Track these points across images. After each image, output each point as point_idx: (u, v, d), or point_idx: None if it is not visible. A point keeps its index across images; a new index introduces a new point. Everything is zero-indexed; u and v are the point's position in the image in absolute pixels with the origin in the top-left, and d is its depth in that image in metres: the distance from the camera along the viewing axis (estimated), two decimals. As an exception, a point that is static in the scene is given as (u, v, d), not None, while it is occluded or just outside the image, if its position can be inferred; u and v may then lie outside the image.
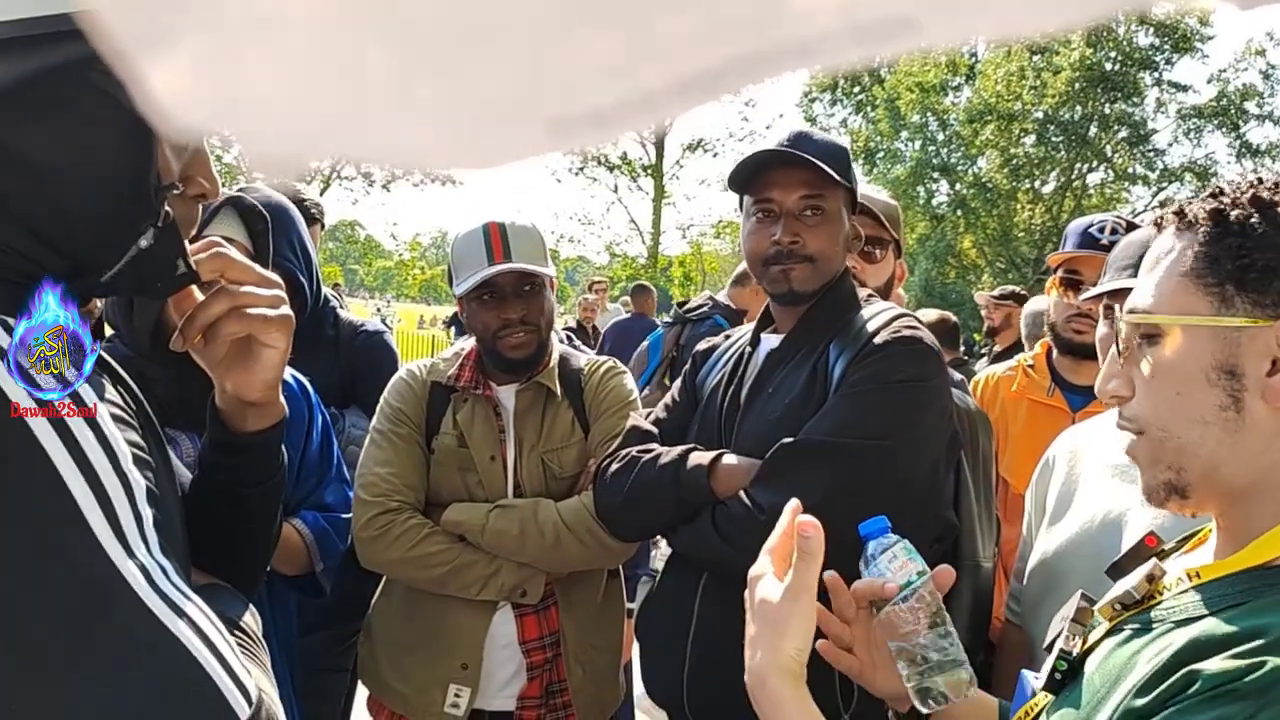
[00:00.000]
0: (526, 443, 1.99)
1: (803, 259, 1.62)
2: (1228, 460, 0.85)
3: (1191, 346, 0.86)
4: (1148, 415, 0.89)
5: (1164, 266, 0.90)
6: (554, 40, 0.29)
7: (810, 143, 1.64)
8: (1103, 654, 0.90)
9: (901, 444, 1.47)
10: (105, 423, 0.76)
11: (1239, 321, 0.83)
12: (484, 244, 1.93)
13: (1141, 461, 0.92)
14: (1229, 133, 25.38)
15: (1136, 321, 0.90)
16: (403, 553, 1.86)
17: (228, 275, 1.02)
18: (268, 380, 1.05)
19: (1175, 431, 0.87)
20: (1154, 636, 0.84)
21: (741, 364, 1.74)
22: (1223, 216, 0.86)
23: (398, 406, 2.01)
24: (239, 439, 1.08)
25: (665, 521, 1.63)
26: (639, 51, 0.29)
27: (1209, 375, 0.85)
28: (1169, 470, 0.88)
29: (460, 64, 0.30)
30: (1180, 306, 0.87)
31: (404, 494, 1.91)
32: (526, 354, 1.96)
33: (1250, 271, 0.83)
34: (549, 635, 1.95)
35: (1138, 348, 0.90)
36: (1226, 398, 0.84)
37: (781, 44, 0.28)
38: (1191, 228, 0.88)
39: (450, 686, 1.90)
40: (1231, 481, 0.85)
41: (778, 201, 1.63)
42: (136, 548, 0.72)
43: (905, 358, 1.52)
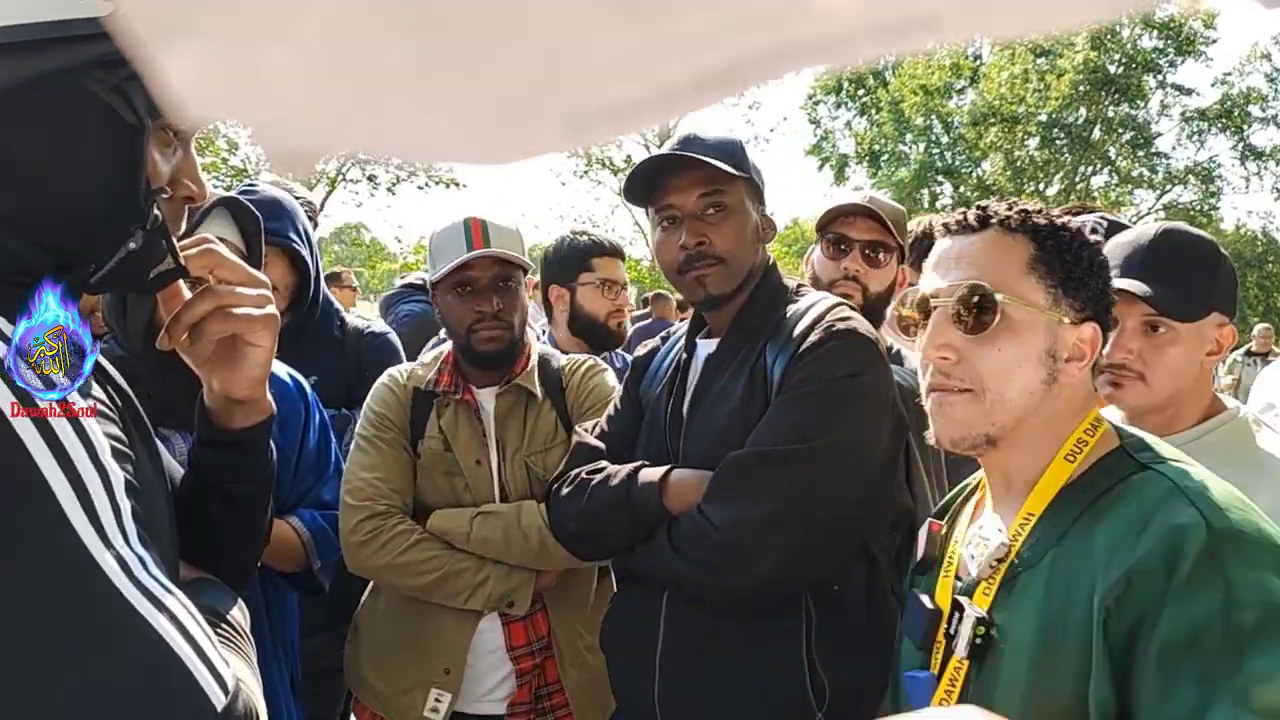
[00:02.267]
0: (510, 446, 1.98)
1: (713, 260, 1.59)
2: (1030, 420, 1.08)
3: (1032, 330, 1.07)
4: (989, 380, 1.08)
5: (1006, 260, 1.09)
6: (571, 36, 0.29)
7: (700, 142, 1.61)
8: (1012, 604, 1.04)
9: (850, 442, 1.46)
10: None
11: (1062, 318, 1.08)
12: (464, 234, 1.93)
13: (957, 415, 1.10)
14: (1232, 136, 25.36)
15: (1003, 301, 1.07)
16: (390, 559, 1.85)
17: (216, 273, 1.04)
18: (253, 378, 1.07)
19: (1008, 396, 1.07)
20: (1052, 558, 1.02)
21: (680, 372, 1.71)
22: (1057, 232, 1.09)
23: (381, 412, 2.00)
24: (227, 435, 1.10)
25: (622, 542, 1.59)
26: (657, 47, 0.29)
27: (1040, 355, 1.07)
28: (991, 425, 1.08)
29: (478, 59, 0.29)
30: (1028, 295, 1.08)
31: (390, 498, 1.91)
32: (498, 348, 1.95)
33: (1072, 282, 1.08)
34: (537, 641, 1.95)
35: (991, 322, 1.06)
36: (1047, 374, 1.07)
37: (800, 41, 0.28)
38: (1019, 232, 1.10)
39: (431, 690, 1.89)
40: (1023, 434, 1.09)
41: (678, 206, 1.61)
42: (114, 539, 0.73)
43: (841, 353, 1.49)
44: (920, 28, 0.28)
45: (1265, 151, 25.19)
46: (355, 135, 0.33)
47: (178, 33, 0.30)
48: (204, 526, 1.09)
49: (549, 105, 0.30)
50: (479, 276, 1.94)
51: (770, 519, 1.43)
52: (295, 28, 0.29)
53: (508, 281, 1.96)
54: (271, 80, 0.31)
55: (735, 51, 0.29)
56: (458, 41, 0.29)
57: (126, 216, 0.88)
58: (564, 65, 0.29)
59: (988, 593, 1.07)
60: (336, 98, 0.31)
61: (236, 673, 0.79)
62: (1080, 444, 1.08)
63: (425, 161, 2.72)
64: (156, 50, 0.31)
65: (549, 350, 2.17)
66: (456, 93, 0.30)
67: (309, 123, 0.33)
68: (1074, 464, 1.07)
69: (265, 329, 1.05)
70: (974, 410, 1.09)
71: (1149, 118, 25.64)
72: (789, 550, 1.45)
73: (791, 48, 0.28)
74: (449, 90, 0.30)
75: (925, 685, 1.11)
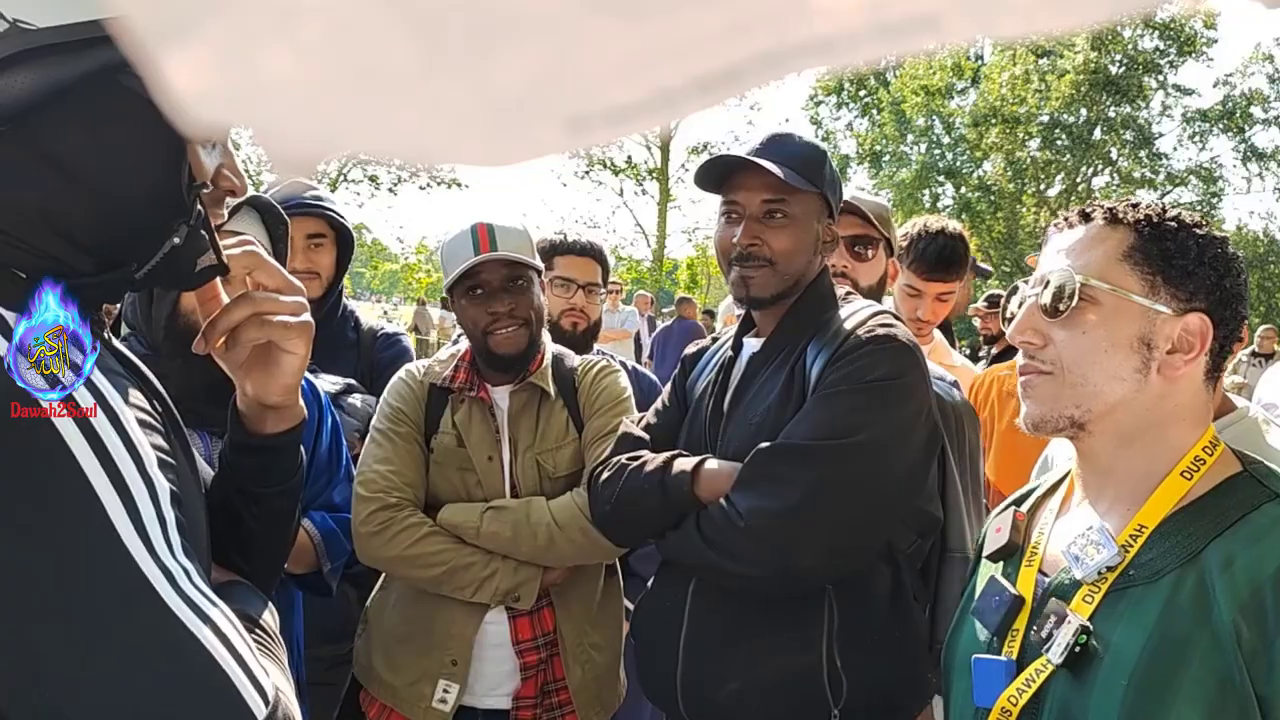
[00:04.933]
0: (521, 444, 2.01)
1: (763, 262, 1.63)
2: (1124, 409, 1.08)
3: (1122, 316, 1.07)
4: (1070, 362, 1.09)
5: (1101, 248, 1.11)
6: (574, 36, 0.29)
7: (781, 147, 1.65)
8: (1119, 616, 1.02)
9: (877, 443, 1.48)
10: (130, 426, 0.77)
11: (1159, 307, 1.07)
12: (471, 240, 1.95)
13: (1041, 395, 1.12)
14: (1234, 136, 25.35)
15: (1088, 285, 1.09)
16: (400, 550, 1.87)
17: (254, 275, 1.04)
18: (287, 385, 1.07)
19: (1092, 379, 1.08)
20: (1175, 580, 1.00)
21: (726, 369, 1.76)
22: (1159, 222, 1.10)
23: (397, 406, 2.02)
24: (258, 441, 1.10)
25: (653, 528, 1.64)
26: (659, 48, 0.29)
27: (1132, 342, 1.07)
28: (1075, 408, 1.09)
29: (480, 60, 0.29)
30: (1119, 282, 1.08)
31: (403, 491, 1.93)
32: (516, 349, 1.97)
33: (1174, 270, 1.08)
34: (542, 636, 1.97)
35: (1069, 306, 1.09)
36: (1141, 363, 1.07)
37: (802, 41, 0.28)
38: (1122, 224, 1.11)
39: (439, 681, 1.91)
40: (1123, 426, 1.09)
41: (742, 204, 1.65)
42: (160, 550, 0.73)
43: (880, 356, 1.52)
44: (922, 28, 0.28)
45: (1267, 152, 25.17)
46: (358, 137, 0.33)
47: (180, 35, 0.30)
48: (233, 530, 1.09)
49: (551, 106, 0.30)
50: (489, 280, 1.96)
51: (792, 511, 1.45)
52: (298, 29, 0.30)
53: (518, 281, 1.97)
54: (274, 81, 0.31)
55: (737, 52, 0.29)
56: (460, 42, 0.29)
57: (170, 211, 0.88)
58: (566, 66, 0.29)
59: (1089, 600, 1.06)
60: (339, 99, 0.31)
61: (275, 680, 0.80)
62: (1198, 462, 1.06)
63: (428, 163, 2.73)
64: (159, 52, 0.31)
65: (563, 350, 2.19)
66: (459, 94, 0.30)
67: (311, 124, 0.33)
68: (1190, 482, 1.06)
69: (300, 336, 1.05)
70: (1052, 390, 1.10)
71: (1150, 118, 25.63)
72: (809, 543, 1.46)
73: (793, 48, 0.28)
74: (451, 91, 0.30)
75: (1000, 671, 1.11)
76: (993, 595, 1.17)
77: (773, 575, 1.49)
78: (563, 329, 2.55)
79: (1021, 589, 1.15)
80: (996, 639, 1.15)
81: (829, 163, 1.72)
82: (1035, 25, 0.29)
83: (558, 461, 2.00)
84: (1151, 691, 0.96)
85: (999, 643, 1.15)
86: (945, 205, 27.00)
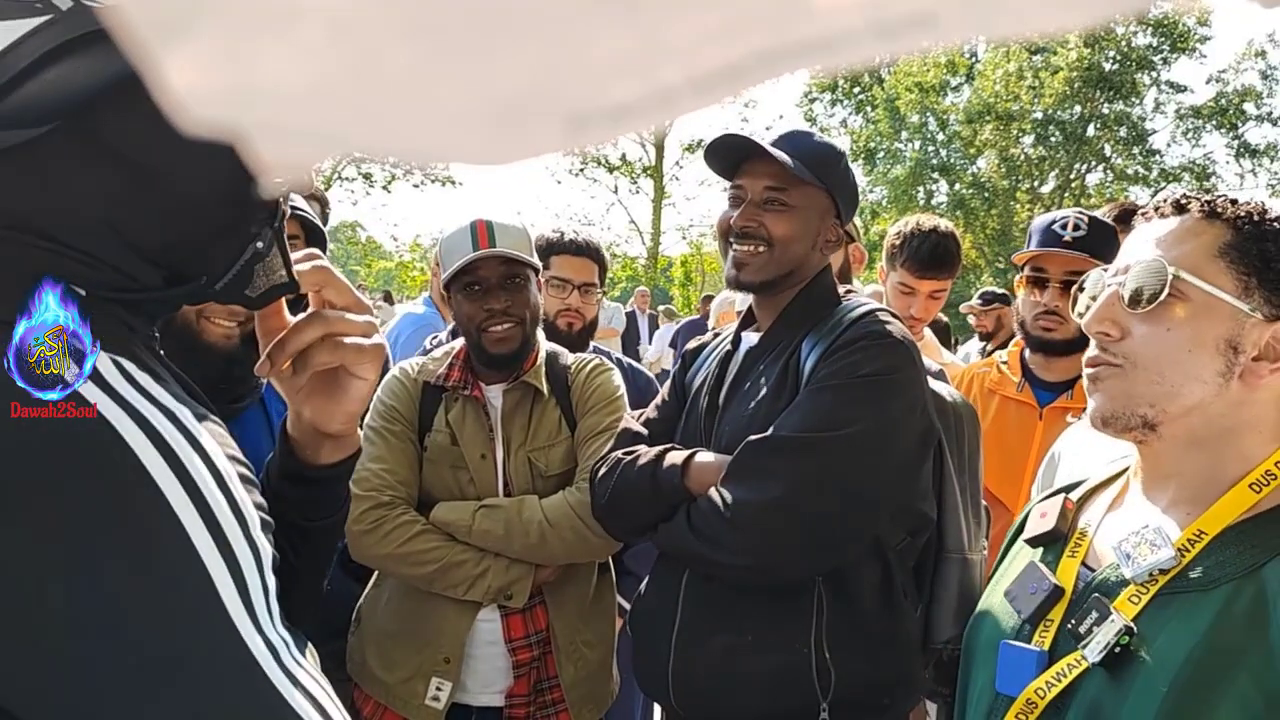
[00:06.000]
0: (514, 442, 2.01)
1: (760, 241, 1.64)
2: (1200, 413, 1.02)
3: (1211, 315, 1.01)
4: (1147, 358, 1.03)
5: (1195, 242, 1.04)
6: (572, 35, 0.29)
7: (796, 141, 1.67)
8: (1167, 620, 0.98)
9: (865, 437, 1.48)
10: (234, 485, 0.69)
11: (1251, 310, 1.00)
12: (470, 236, 1.96)
13: (1111, 391, 1.06)
14: (1227, 133, 25.41)
15: (1181, 279, 1.02)
16: (393, 548, 1.88)
17: (324, 293, 0.93)
18: (351, 412, 0.97)
19: (1170, 378, 1.02)
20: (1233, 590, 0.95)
21: (724, 363, 1.77)
22: (1260, 220, 1.03)
23: (391, 404, 2.02)
24: (310, 471, 0.99)
25: (646, 520, 1.65)
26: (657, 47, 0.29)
27: (1218, 344, 1.01)
28: (1149, 407, 1.03)
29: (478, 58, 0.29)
30: (1212, 279, 1.02)
31: (396, 489, 1.93)
32: (510, 348, 1.97)
33: (1270, 272, 1.01)
34: (535, 634, 1.97)
35: (1156, 300, 1.02)
36: (1225, 366, 1.01)
37: (801, 40, 0.28)
38: (1220, 219, 1.04)
39: (432, 679, 1.91)
40: (1195, 430, 1.03)
41: (746, 189, 1.68)
42: (264, 622, 0.67)
43: (873, 351, 1.53)
44: (921, 27, 0.28)
45: (1260, 148, 25.24)
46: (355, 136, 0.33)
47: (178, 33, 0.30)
48: None
49: (549, 105, 0.30)
50: (487, 276, 1.96)
51: (776, 502, 1.46)
52: (296, 28, 0.30)
53: (515, 279, 1.98)
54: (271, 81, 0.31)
55: (736, 51, 0.29)
56: (457, 41, 0.29)
57: (249, 212, 0.80)
58: (564, 65, 0.29)
59: (1135, 600, 1.02)
60: (336, 98, 0.31)
61: None
62: (1269, 476, 1.01)
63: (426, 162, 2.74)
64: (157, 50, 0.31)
65: (557, 348, 2.19)
66: (456, 93, 0.30)
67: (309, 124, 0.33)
68: (1259, 495, 1.01)
69: (373, 361, 0.94)
70: (1123, 386, 1.05)
71: (1144, 115, 25.68)
72: (791, 534, 1.47)
73: (792, 47, 0.28)
74: (449, 90, 0.30)
75: (1030, 660, 1.07)
76: (1030, 581, 1.12)
77: (756, 566, 1.50)
78: (558, 329, 2.55)
79: (1062, 579, 1.11)
80: (1029, 626, 1.11)
81: (844, 165, 1.73)
82: (1031, 25, 0.29)
83: (550, 460, 2.01)
84: (1193, 701, 0.92)
85: (1030, 630, 1.11)
86: (939, 202, 27.03)
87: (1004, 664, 1.10)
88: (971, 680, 1.21)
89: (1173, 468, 1.07)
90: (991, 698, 1.12)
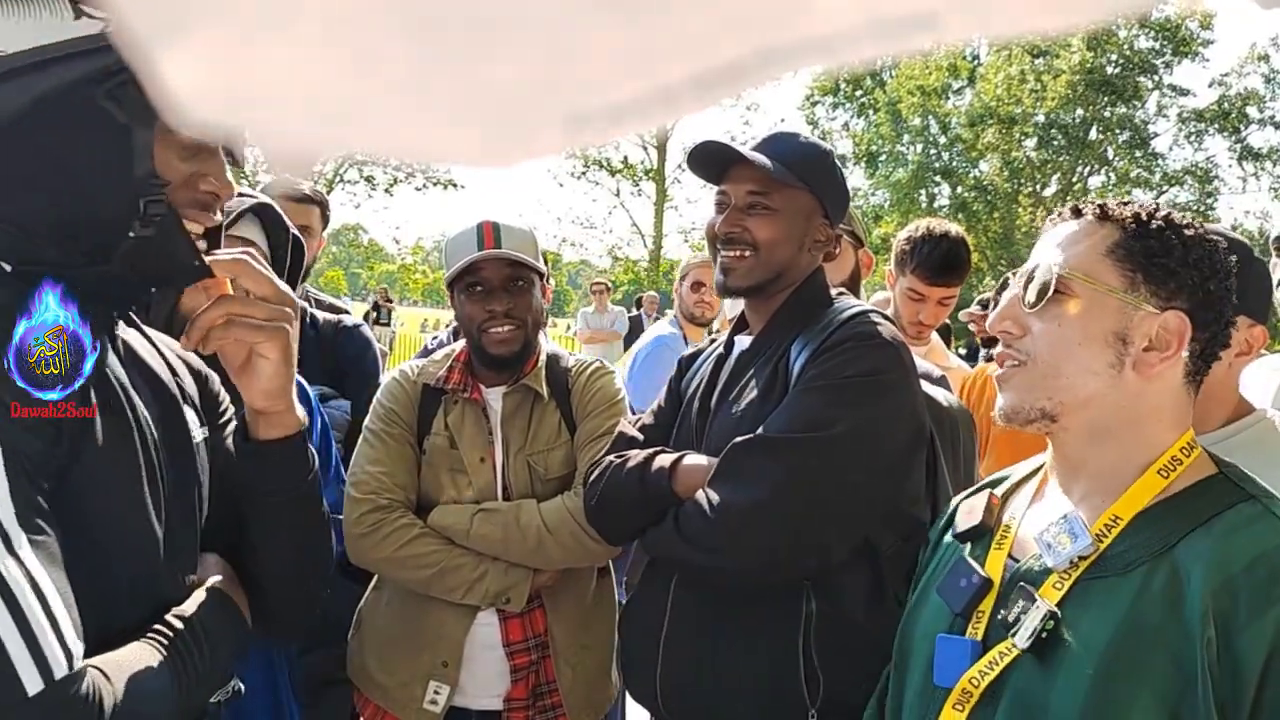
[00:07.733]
0: (513, 445, 2.00)
1: (745, 246, 1.65)
2: (1097, 403, 1.08)
3: (1099, 310, 1.08)
4: (1043, 353, 1.10)
5: (1086, 243, 1.12)
6: (572, 35, 0.29)
7: (778, 144, 1.67)
8: (1088, 605, 1.03)
9: (851, 437, 1.47)
10: None
11: (1138, 302, 1.07)
12: (476, 236, 1.96)
13: (1014, 385, 1.13)
14: (1229, 137, 25.38)
15: (1066, 277, 1.09)
16: (391, 551, 1.87)
17: (241, 280, 1.06)
18: (265, 390, 1.10)
19: (1064, 371, 1.09)
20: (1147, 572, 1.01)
21: (717, 366, 1.77)
22: (1146, 221, 1.10)
23: (390, 407, 2.02)
24: (252, 445, 1.13)
25: (636, 524, 1.64)
26: (658, 48, 0.29)
27: (1106, 337, 1.07)
28: (1046, 400, 1.10)
29: (479, 60, 0.29)
30: (1099, 276, 1.09)
31: (394, 492, 1.93)
32: (510, 350, 1.97)
33: (1155, 268, 1.08)
34: (533, 638, 1.96)
35: (1048, 299, 1.10)
36: (1115, 358, 1.07)
37: (801, 40, 0.28)
38: (1110, 221, 1.12)
39: (430, 683, 1.91)
40: (1096, 421, 1.09)
41: (730, 194, 1.68)
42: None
43: (860, 352, 1.52)
44: (920, 27, 0.28)
45: (1262, 152, 25.20)
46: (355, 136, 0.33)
47: (176, 34, 0.30)
48: (241, 530, 1.14)
49: (550, 106, 0.30)
50: (490, 277, 1.96)
51: (760, 504, 1.45)
52: (295, 28, 0.30)
53: (518, 282, 1.98)
54: (271, 81, 0.31)
55: (736, 51, 0.29)
56: (458, 42, 0.29)
57: (120, 208, 0.93)
58: (565, 66, 0.29)
59: (1059, 586, 1.06)
60: (336, 99, 0.31)
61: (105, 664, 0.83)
62: (1175, 461, 1.07)
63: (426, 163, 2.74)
64: (155, 51, 0.31)
65: (558, 350, 2.18)
66: (457, 94, 0.30)
67: (308, 124, 0.33)
68: (1167, 480, 1.07)
69: (271, 341, 1.07)
70: (1024, 380, 1.12)
71: (1146, 118, 25.65)
72: (776, 536, 1.46)
73: (792, 47, 0.28)
74: (450, 92, 0.30)
75: (964, 651, 1.11)
76: (960, 576, 1.17)
77: (741, 568, 1.49)
78: None
79: (990, 571, 1.15)
80: (961, 619, 1.15)
81: (830, 165, 1.72)
82: (1030, 26, 0.29)
83: (549, 463, 2.00)
84: (1116, 680, 0.97)
85: (963, 624, 1.15)
86: (941, 205, 27.01)
87: (940, 657, 1.13)
88: (908, 677, 1.24)
89: (1080, 459, 1.13)
90: (929, 692, 1.15)
